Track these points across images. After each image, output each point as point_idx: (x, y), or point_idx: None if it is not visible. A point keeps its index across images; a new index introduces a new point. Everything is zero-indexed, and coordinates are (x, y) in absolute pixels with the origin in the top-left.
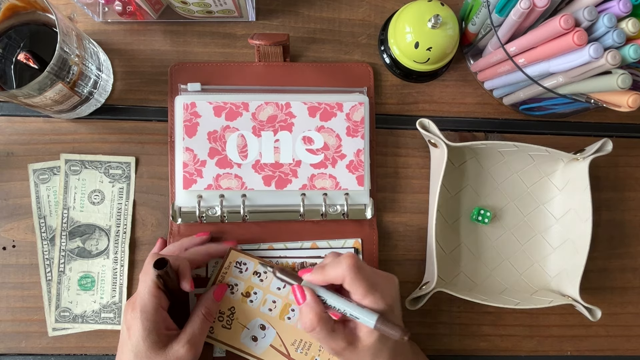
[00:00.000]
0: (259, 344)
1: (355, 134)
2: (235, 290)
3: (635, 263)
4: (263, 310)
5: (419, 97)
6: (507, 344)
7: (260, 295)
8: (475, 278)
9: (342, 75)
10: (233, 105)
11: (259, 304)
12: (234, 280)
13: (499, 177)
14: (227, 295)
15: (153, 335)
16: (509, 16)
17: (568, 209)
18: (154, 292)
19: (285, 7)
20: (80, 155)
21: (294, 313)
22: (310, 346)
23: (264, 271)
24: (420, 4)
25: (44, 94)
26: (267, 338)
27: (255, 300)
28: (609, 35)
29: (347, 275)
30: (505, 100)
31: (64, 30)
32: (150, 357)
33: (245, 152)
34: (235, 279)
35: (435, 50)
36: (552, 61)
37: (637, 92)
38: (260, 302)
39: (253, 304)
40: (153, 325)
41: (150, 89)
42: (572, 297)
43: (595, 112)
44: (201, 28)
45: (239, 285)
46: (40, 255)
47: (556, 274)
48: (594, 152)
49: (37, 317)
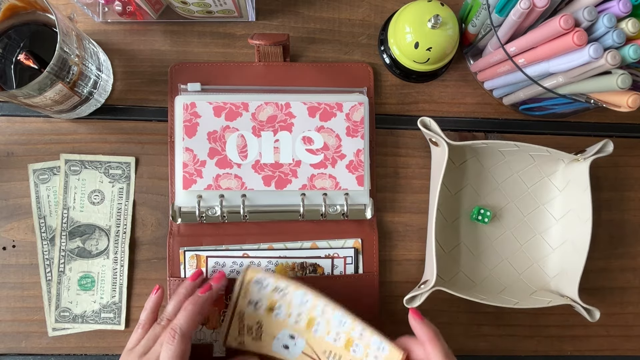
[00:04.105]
0: (291, 350)
1: (355, 134)
2: (259, 307)
3: (635, 263)
4: (290, 323)
5: (418, 97)
6: (507, 344)
7: (284, 308)
8: (475, 277)
9: (342, 75)
10: (233, 106)
11: (285, 317)
12: (255, 297)
13: (499, 176)
14: (252, 311)
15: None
16: (508, 16)
17: (568, 209)
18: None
19: (285, 7)
20: (80, 155)
21: (318, 327)
22: (340, 357)
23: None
24: (420, 4)
25: (44, 94)
26: (298, 347)
27: (280, 314)
28: (608, 36)
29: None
30: (505, 100)
31: (64, 30)
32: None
33: (245, 152)
34: (256, 296)
35: (435, 51)
36: (552, 61)
37: (637, 92)
38: (286, 315)
39: (279, 317)
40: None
41: (150, 89)
42: (571, 298)
43: (595, 112)
44: (201, 28)
45: (261, 301)
46: (40, 255)
47: (555, 274)
48: (595, 153)
49: (37, 317)
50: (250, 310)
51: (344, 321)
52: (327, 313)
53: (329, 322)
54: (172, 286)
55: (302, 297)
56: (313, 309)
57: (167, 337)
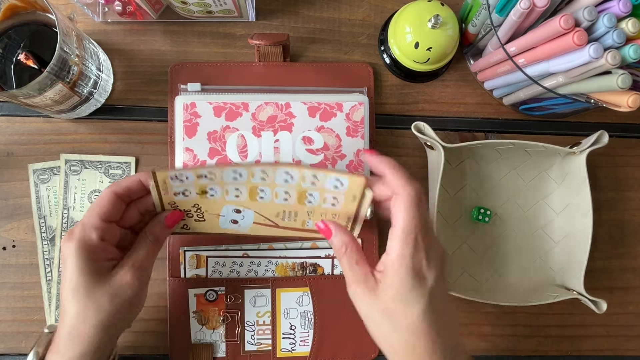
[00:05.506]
0: (241, 224)
1: (355, 134)
2: (189, 194)
3: (635, 263)
4: (229, 199)
5: (419, 97)
6: (507, 344)
7: (218, 189)
8: (479, 277)
9: (342, 75)
10: (233, 106)
11: (222, 195)
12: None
13: (497, 174)
14: (182, 198)
15: (90, 264)
16: (508, 16)
17: (568, 202)
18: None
19: (285, 7)
20: (80, 155)
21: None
22: (296, 214)
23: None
24: (420, 4)
25: (44, 94)
26: (247, 219)
27: (215, 194)
28: (609, 36)
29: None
30: (505, 100)
31: (64, 30)
32: (89, 290)
33: (245, 153)
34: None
35: (435, 50)
36: (552, 61)
37: (637, 92)
38: (222, 194)
39: (216, 197)
40: (89, 255)
41: (150, 89)
42: (577, 291)
43: (595, 112)
44: (201, 28)
45: (188, 189)
46: (40, 255)
47: (559, 267)
48: (591, 145)
49: (37, 317)
50: (180, 198)
51: (290, 176)
52: (268, 177)
53: (273, 185)
54: (172, 286)
55: (233, 174)
56: (250, 178)
57: None
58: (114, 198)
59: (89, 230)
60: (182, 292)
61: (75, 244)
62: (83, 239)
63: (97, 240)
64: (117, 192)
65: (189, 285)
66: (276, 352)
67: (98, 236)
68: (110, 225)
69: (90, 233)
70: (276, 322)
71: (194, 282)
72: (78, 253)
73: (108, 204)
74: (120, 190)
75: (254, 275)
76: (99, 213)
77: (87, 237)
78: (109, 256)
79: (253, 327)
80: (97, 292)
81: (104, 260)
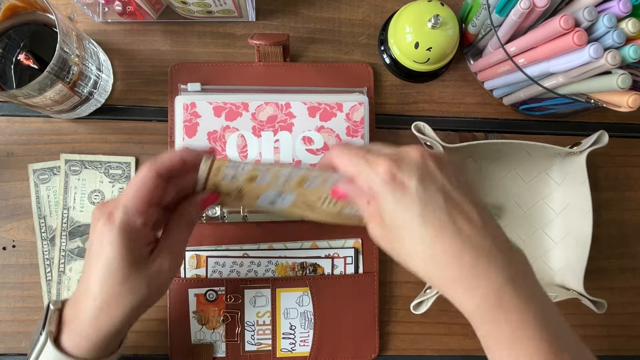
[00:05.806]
0: (278, 204)
1: (355, 134)
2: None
3: (635, 263)
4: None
5: (419, 97)
6: None
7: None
8: None
9: (342, 75)
10: (233, 106)
11: (269, 182)
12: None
13: (497, 174)
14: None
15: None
16: (508, 16)
17: (568, 202)
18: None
19: (285, 7)
20: (80, 156)
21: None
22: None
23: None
24: (420, 4)
25: (44, 94)
26: (287, 200)
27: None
28: (609, 36)
29: None
30: (505, 100)
31: (64, 30)
32: (127, 276)
33: (245, 153)
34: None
35: (435, 50)
36: (552, 61)
37: (637, 92)
38: (271, 179)
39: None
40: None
41: (150, 89)
42: (577, 291)
43: (595, 112)
44: (201, 28)
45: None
46: (40, 255)
47: (559, 268)
48: (591, 145)
49: (37, 317)
50: (227, 182)
51: None
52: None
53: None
54: (172, 286)
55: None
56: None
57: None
58: (158, 180)
59: (133, 216)
60: (182, 292)
61: (118, 229)
62: (127, 224)
63: (141, 226)
64: (161, 172)
65: (189, 285)
66: (276, 352)
67: (142, 222)
68: (152, 208)
69: (135, 219)
70: (276, 322)
71: (194, 282)
72: (120, 239)
73: (153, 187)
74: (164, 171)
75: (254, 275)
76: (145, 197)
77: (132, 223)
78: (148, 240)
79: (253, 327)
80: (135, 279)
81: (144, 245)
